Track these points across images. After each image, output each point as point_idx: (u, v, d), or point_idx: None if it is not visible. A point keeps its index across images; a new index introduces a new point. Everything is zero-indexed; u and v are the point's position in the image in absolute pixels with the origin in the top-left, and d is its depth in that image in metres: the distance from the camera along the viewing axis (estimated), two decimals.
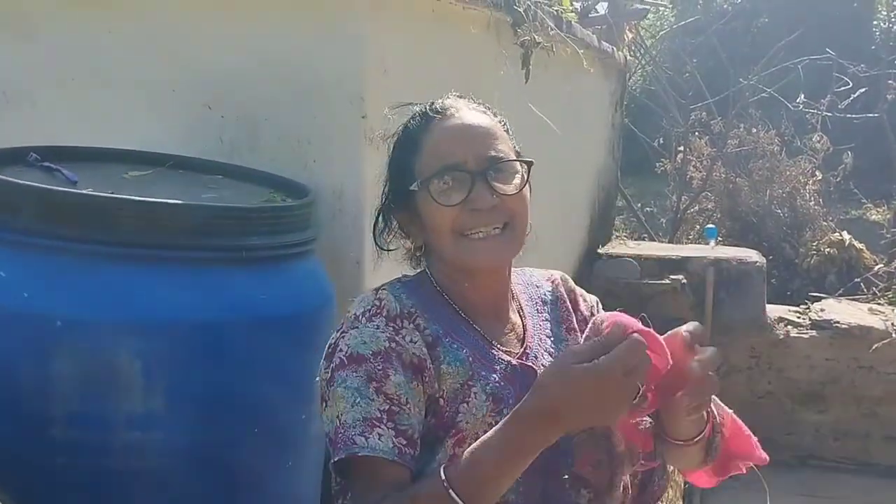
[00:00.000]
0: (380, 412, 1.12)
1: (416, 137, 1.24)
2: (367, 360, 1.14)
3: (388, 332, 1.17)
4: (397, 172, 1.27)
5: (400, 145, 1.28)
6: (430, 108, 1.26)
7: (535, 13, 2.57)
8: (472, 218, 1.20)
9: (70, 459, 1.43)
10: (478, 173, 1.19)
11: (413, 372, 1.16)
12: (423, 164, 1.22)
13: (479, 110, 1.27)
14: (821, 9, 10.86)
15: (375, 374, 1.14)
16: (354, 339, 1.17)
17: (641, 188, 9.27)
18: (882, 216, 7.99)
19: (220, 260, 1.53)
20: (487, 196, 1.19)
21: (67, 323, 1.40)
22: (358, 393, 1.13)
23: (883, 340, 4.22)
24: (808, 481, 4.27)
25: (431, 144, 1.22)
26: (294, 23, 1.97)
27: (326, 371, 1.18)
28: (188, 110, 2.05)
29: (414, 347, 1.17)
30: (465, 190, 1.19)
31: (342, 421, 1.12)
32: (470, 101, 1.29)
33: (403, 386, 1.14)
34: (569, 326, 1.36)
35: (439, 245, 1.24)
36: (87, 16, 2.10)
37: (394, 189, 1.28)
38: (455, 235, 1.21)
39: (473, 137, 1.22)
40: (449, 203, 1.19)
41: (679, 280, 4.48)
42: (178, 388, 1.45)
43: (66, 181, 1.62)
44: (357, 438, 1.11)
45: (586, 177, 4.66)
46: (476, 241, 1.21)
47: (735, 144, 7.25)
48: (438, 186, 1.20)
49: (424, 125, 1.24)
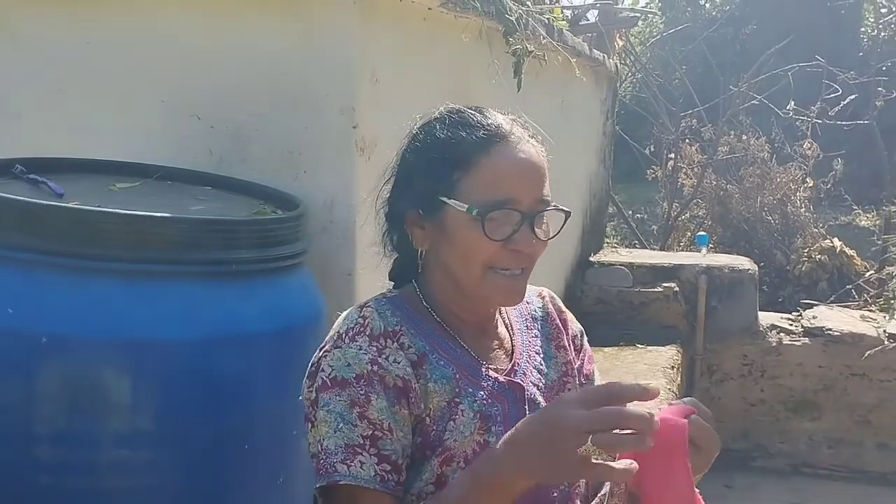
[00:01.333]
0: (362, 438, 1.11)
1: (469, 153, 1.17)
2: (351, 384, 1.12)
3: (371, 354, 1.14)
4: (429, 177, 1.19)
5: (441, 151, 1.19)
6: (490, 127, 1.18)
7: (527, 21, 2.56)
8: (510, 257, 1.17)
9: (56, 478, 1.40)
10: (528, 216, 1.16)
11: (397, 395, 1.14)
12: (472, 185, 1.16)
13: (534, 141, 1.21)
14: (809, 16, 10.93)
15: (358, 399, 1.12)
16: (338, 361, 1.14)
17: (632, 195, 9.28)
18: (872, 222, 8.02)
19: (209, 274, 1.50)
20: (531, 240, 1.17)
21: (53, 339, 1.37)
22: (341, 418, 1.11)
23: (875, 347, 4.22)
24: (802, 489, 4.27)
25: (490, 170, 1.16)
26: (283, 32, 1.95)
27: (310, 391, 1.16)
28: (177, 121, 2.03)
29: (398, 369, 1.15)
30: (511, 228, 1.15)
31: (324, 447, 1.11)
32: (524, 126, 1.23)
33: (386, 411, 1.12)
34: (559, 344, 1.34)
35: (461, 270, 1.19)
36: (73, 26, 2.08)
37: (420, 192, 1.20)
38: (485, 268, 1.17)
39: (532, 177, 1.17)
40: (496, 238, 1.15)
41: (671, 288, 4.48)
42: (166, 406, 1.43)
43: (52, 194, 1.59)
44: (339, 466, 1.10)
45: (578, 185, 4.66)
46: (503, 278, 1.18)
47: (725, 151, 7.28)
48: (492, 218, 1.15)
49: (483, 146, 1.16)
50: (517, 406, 1.22)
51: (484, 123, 1.19)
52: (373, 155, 1.97)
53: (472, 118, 1.20)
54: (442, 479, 1.15)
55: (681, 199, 7.57)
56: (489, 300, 1.23)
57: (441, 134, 1.20)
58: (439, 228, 1.19)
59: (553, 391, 1.28)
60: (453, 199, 1.16)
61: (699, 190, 7.31)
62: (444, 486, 1.14)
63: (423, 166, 1.20)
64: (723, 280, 4.51)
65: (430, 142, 1.21)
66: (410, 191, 1.22)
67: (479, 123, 1.19)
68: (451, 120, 1.20)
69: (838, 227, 7.91)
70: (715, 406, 4.53)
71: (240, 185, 1.88)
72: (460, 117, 1.20)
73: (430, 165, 1.19)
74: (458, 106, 1.24)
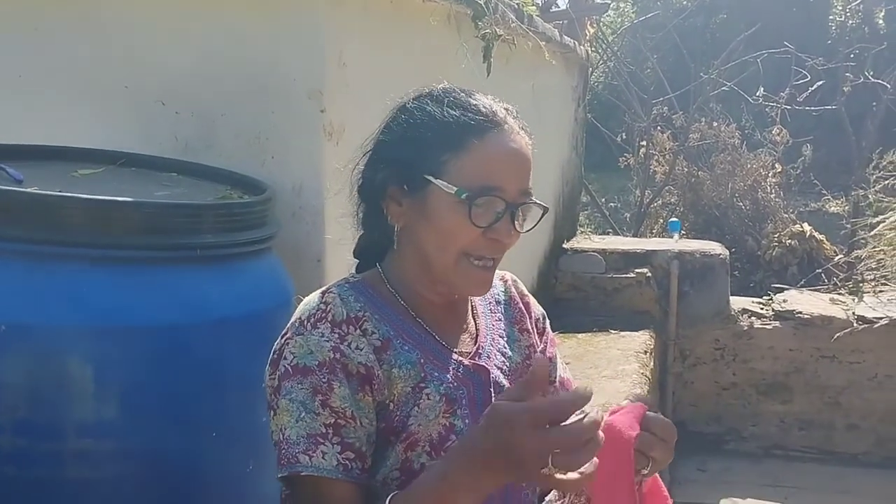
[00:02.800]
0: (325, 427, 1.09)
1: (462, 136, 1.14)
2: (313, 372, 1.11)
3: (333, 341, 1.13)
4: (417, 153, 1.16)
5: (433, 129, 1.16)
6: (486, 113, 1.16)
7: (496, 6, 2.55)
8: (487, 245, 1.16)
9: (19, 469, 1.37)
10: (512, 205, 1.15)
11: (360, 382, 1.12)
12: (461, 168, 1.14)
13: (524, 132, 1.19)
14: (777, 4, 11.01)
15: (321, 387, 1.10)
16: (300, 349, 1.13)
17: (605, 183, 9.33)
18: (841, 208, 8.12)
19: (174, 259, 1.48)
20: (510, 229, 1.16)
21: (13, 327, 1.33)
22: (303, 407, 1.10)
23: (844, 330, 4.28)
24: (774, 471, 4.32)
25: (481, 155, 1.14)
26: (250, 16, 1.92)
27: (273, 378, 1.15)
28: (141, 108, 1.99)
29: (360, 356, 1.13)
30: (494, 216, 1.14)
31: (286, 436, 1.10)
32: (516, 118, 1.20)
33: (349, 399, 1.11)
34: (522, 327, 1.34)
35: (435, 252, 1.17)
36: (35, 12, 2.04)
37: (404, 168, 1.17)
38: (460, 255, 1.16)
39: (520, 168, 1.16)
40: (479, 224, 1.13)
41: (644, 273, 4.50)
42: (132, 393, 1.40)
43: (12, 180, 1.56)
44: (300, 456, 1.09)
45: (550, 172, 4.66)
46: (476, 267, 1.17)
47: (697, 138, 7.34)
48: (478, 204, 1.13)
49: (478, 130, 1.15)
50: (483, 389, 1.21)
51: (480, 108, 1.17)
52: (341, 140, 1.95)
53: (468, 101, 1.18)
54: (406, 464, 1.15)
55: (653, 187, 7.63)
56: (458, 288, 1.21)
57: (435, 112, 1.17)
58: (419, 207, 1.17)
59: (517, 374, 1.28)
60: (440, 180, 1.14)
61: (671, 177, 7.37)
62: (409, 471, 1.14)
63: (411, 142, 1.17)
64: (695, 265, 4.54)
65: (422, 118, 1.18)
66: (395, 165, 1.18)
67: (475, 107, 1.17)
68: (447, 99, 1.18)
69: (808, 214, 8.00)
70: (688, 390, 4.59)
71: (206, 170, 1.85)
72: (456, 98, 1.18)
73: (420, 142, 1.16)
74: (455, 86, 1.22)
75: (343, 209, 1.31)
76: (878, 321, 4.28)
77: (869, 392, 4.40)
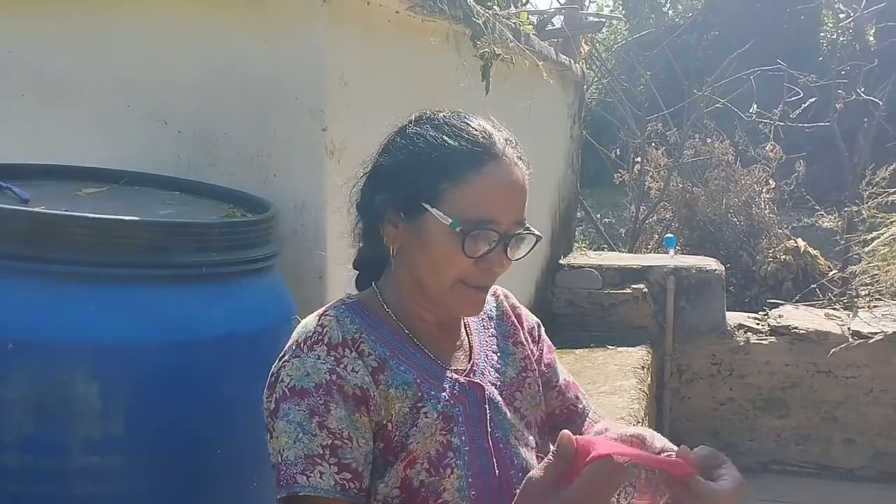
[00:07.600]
0: (322, 448, 1.11)
1: (459, 166, 1.15)
2: (310, 394, 1.12)
3: (330, 363, 1.14)
4: (415, 180, 1.17)
5: (431, 157, 1.17)
6: (485, 144, 1.17)
7: (494, 25, 2.57)
8: (481, 275, 1.18)
9: (23, 486, 1.37)
10: (506, 236, 1.16)
11: (356, 403, 1.14)
12: (457, 198, 1.15)
13: (521, 163, 1.20)
14: (769, 22, 11.11)
15: (318, 409, 1.12)
16: (297, 371, 1.14)
17: (600, 199, 9.36)
18: (834, 223, 8.16)
19: (179, 277, 1.49)
20: (503, 260, 1.18)
21: (19, 345, 1.34)
22: (300, 428, 1.11)
23: (840, 345, 4.29)
24: (772, 486, 4.32)
25: (477, 187, 1.15)
26: (252, 35, 1.94)
27: (270, 401, 1.16)
28: (144, 126, 2.01)
29: (356, 378, 1.14)
30: (487, 247, 1.16)
31: (284, 457, 1.11)
32: (515, 147, 1.21)
33: (345, 420, 1.12)
34: (515, 340, 1.35)
35: (429, 277, 1.19)
36: (38, 29, 2.05)
37: (402, 193, 1.18)
38: (455, 281, 1.18)
39: (514, 199, 1.18)
40: (471, 255, 1.15)
41: (640, 289, 4.52)
42: (137, 410, 1.41)
43: (17, 199, 1.57)
44: (298, 477, 1.10)
45: (547, 188, 4.69)
46: (469, 291, 1.19)
47: (691, 154, 7.37)
48: (473, 236, 1.15)
49: (475, 161, 1.15)
50: (478, 406, 1.23)
51: (479, 139, 1.18)
52: (342, 157, 1.97)
53: (468, 129, 1.18)
54: (406, 482, 1.15)
55: (648, 203, 7.65)
56: (452, 310, 1.24)
57: (434, 140, 1.18)
58: (415, 232, 1.18)
59: (512, 388, 1.30)
60: (437, 210, 1.15)
61: (666, 193, 7.39)
62: (409, 489, 1.15)
63: (409, 169, 1.18)
64: (690, 281, 4.56)
65: (421, 145, 1.18)
66: (392, 190, 1.20)
67: (473, 137, 1.18)
68: (447, 127, 1.19)
69: (802, 229, 8.03)
70: (685, 405, 4.59)
71: (208, 189, 1.87)
72: (456, 126, 1.19)
73: (418, 170, 1.17)
74: (455, 112, 1.23)
75: (344, 227, 1.33)
76: (874, 336, 4.29)
77: (865, 407, 4.41)
